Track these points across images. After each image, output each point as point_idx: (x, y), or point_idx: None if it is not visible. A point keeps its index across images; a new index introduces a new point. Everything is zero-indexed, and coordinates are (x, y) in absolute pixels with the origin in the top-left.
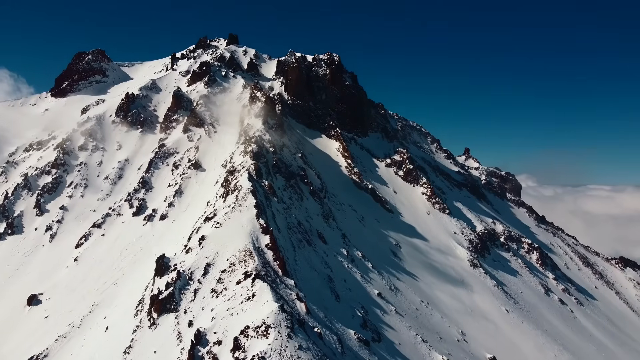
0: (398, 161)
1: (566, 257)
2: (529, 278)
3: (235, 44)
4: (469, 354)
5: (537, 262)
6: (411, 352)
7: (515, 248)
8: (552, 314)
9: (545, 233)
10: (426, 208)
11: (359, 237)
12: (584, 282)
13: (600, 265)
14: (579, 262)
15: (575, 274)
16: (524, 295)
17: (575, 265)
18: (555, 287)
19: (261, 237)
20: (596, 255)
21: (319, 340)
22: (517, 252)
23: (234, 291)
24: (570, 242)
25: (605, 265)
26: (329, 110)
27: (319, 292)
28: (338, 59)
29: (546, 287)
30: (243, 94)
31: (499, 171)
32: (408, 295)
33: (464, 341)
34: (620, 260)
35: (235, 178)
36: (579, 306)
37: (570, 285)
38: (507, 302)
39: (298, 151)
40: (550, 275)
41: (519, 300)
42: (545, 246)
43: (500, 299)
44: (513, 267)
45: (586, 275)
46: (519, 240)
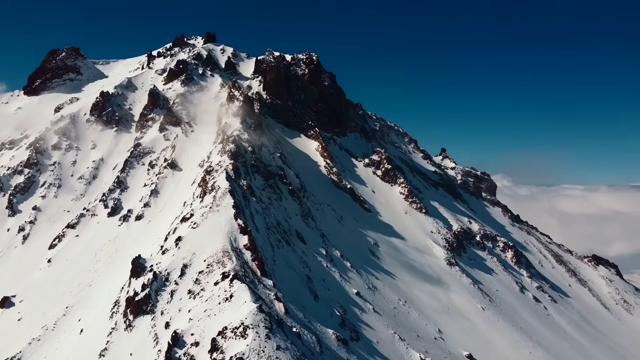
0: (376, 161)
1: (540, 256)
2: (504, 276)
3: (212, 42)
4: (445, 351)
5: (512, 261)
6: (389, 350)
7: (491, 247)
8: (527, 312)
9: (519, 232)
10: (404, 207)
11: (337, 237)
12: (558, 279)
13: (573, 263)
14: (552, 260)
15: (549, 271)
16: (499, 293)
17: (549, 263)
18: (530, 285)
19: (239, 237)
20: (569, 253)
21: (297, 340)
22: (493, 251)
23: (212, 292)
24: (544, 240)
25: (578, 263)
26: (307, 110)
27: (297, 292)
28: (317, 58)
29: (521, 285)
30: (221, 93)
31: (474, 171)
32: (386, 294)
33: (441, 339)
34: (593, 258)
35: (213, 178)
36: (553, 303)
37: (544, 283)
38: (483, 300)
39: (277, 151)
40: (525, 273)
41: (495, 298)
42: (520, 245)
43: (476, 297)
44: (488, 266)
45: (560, 273)
46: (494, 239)
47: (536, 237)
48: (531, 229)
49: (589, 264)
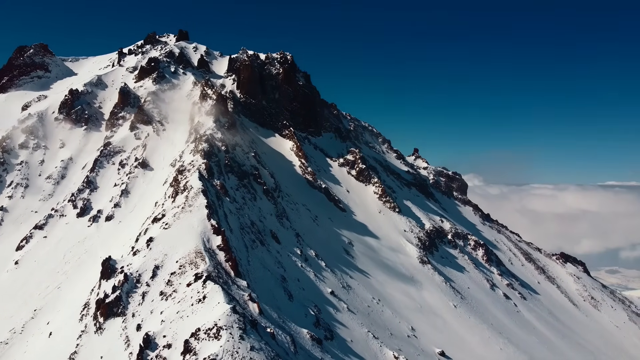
0: (351, 161)
1: (510, 254)
2: (475, 274)
3: (185, 40)
4: (418, 349)
5: (482, 259)
6: (363, 349)
7: (462, 245)
8: (497, 308)
9: (490, 230)
10: (378, 207)
11: (312, 236)
12: (527, 277)
13: (542, 261)
14: (522, 258)
15: (518, 269)
16: (470, 291)
17: (519, 261)
18: (500, 283)
19: (212, 238)
20: (538, 251)
21: (271, 341)
22: (464, 249)
23: (184, 293)
24: (514, 238)
25: (546, 261)
26: (282, 109)
27: (272, 292)
28: (291, 58)
29: (491, 283)
30: (193, 91)
31: (446, 171)
32: (360, 293)
33: (414, 336)
34: (561, 255)
35: (185, 177)
36: (523, 300)
37: (514, 281)
38: (455, 298)
39: (251, 150)
40: (495, 270)
41: (466, 296)
42: (490, 243)
43: (448, 294)
44: (460, 264)
45: (529, 271)
46: (465, 237)
47: (506, 235)
48: (501, 228)
49: (557, 261)
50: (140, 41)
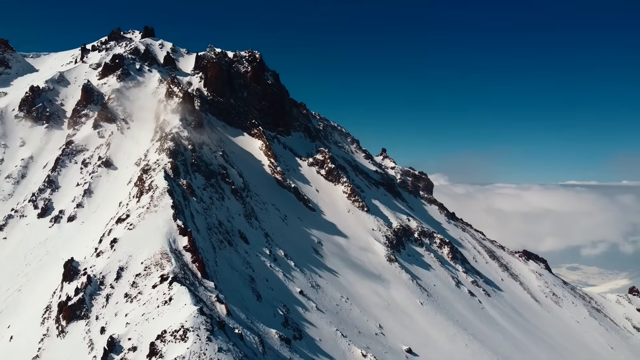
0: (320, 160)
1: (474, 251)
2: (441, 271)
3: (151, 36)
4: (386, 346)
5: (448, 256)
6: (331, 347)
7: (428, 243)
8: (463, 305)
9: (455, 228)
10: (346, 206)
11: (281, 236)
12: (491, 274)
13: (505, 259)
14: (486, 256)
15: (483, 266)
16: (436, 288)
17: (483, 259)
18: (465, 280)
19: (179, 238)
20: (501, 249)
21: (239, 342)
22: (430, 247)
23: (150, 295)
24: (478, 237)
25: (509, 258)
26: (251, 108)
27: (240, 293)
28: (259, 56)
29: (457, 280)
30: (159, 89)
31: (412, 170)
32: (329, 292)
33: (382, 334)
34: (524, 253)
35: (150, 177)
36: (487, 297)
37: (479, 278)
38: (421, 295)
39: (219, 149)
40: (461, 268)
41: (432, 293)
42: (456, 241)
43: (415, 292)
44: (426, 261)
45: (493, 268)
46: (431, 235)
47: (470, 233)
48: (466, 226)
49: (520, 259)
50: (104, 37)
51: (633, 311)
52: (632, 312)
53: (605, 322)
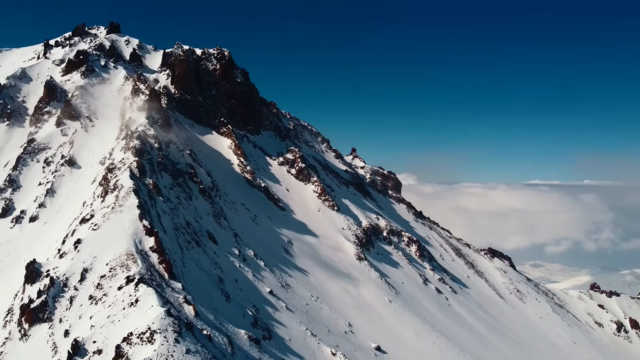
0: (290, 160)
1: (441, 249)
2: (408, 269)
3: (116, 32)
4: (355, 344)
5: (415, 254)
6: (301, 347)
7: (397, 241)
8: (430, 302)
9: (422, 227)
10: (317, 205)
11: (251, 236)
12: (457, 271)
13: (471, 256)
14: (452, 254)
15: (449, 264)
16: (404, 286)
17: (450, 256)
18: (432, 277)
19: (145, 239)
20: (467, 246)
21: (208, 343)
22: (398, 245)
23: (115, 297)
24: (445, 235)
25: (475, 256)
26: (219, 106)
27: (208, 294)
28: (228, 54)
29: (424, 277)
30: (125, 86)
31: (381, 170)
32: (299, 291)
33: (351, 332)
34: (489, 251)
35: (116, 176)
36: (453, 294)
37: (446, 275)
38: (390, 293)
39: (186, 148)
40: (428, 266)
41: (400, 291)
42: (423, 239)
43: (383, 290)
44: (395, 260)
45: (459, 266)
46: (399, 234)
47: (437, 231)
48: (433, 224)
49: (485, 256)
50: (68, 33)
51: (594, 307)
52: (594, 308)
53: (567, 317)
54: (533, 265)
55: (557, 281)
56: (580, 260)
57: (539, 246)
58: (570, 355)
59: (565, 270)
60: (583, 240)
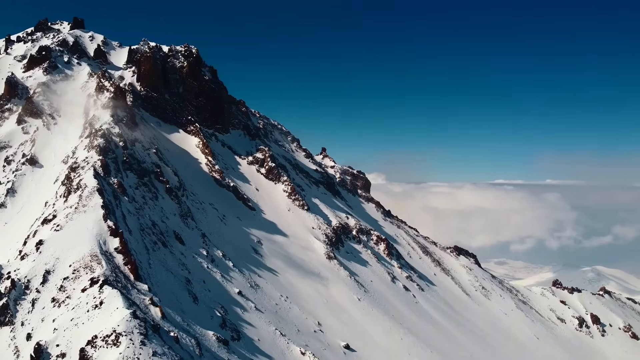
0: (260, 159)
1: (409, 247)
2: (377, 267)
3: (80, 28)
4: (325, 343)
5: (384, 253)
6: (270, 347)
7: (366, 240)
8: (398, 300)
9: (391, 226)
10: (287, 205)
11: (219, 237)
12: (424, 269)
13: (437, 254)
14: (419, 252)
15: (416, 262)
16: (373, 284)
17: (417, 254)
18: (400, 275)
19: (109, 240)
20: (434, 244)
21: (175, 345)
22: (367, 244)
23: (79, 299)
24: (412, 233)
25: (442, 254)
26: (187, 104)
27: (175, 295)
28: (196, 51)
29: (392, 275)
30: (89, 83)
31: (351, 169)
32: (268, 291)
33: (320, 331)
34: (455, 249)
35: (79, 175)
36: (421, 292)
37: (413, 273)
38: (359, 291)
39: (152, 146)
40: (396, 264)
41: (369, 289)
42: (391, 238)
43: (352, 288)
44: (364, 258)
45: (426, 263)
46: (368, 232)
47: (405, 230)
48: (401, 223)
49: (451, 254)
50: (30, 28)
51: (557, 303)
52: (556, 304)
53: (531, 313)
54: (497, 263)
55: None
56: (544, 257)
57: (504, 244)
58: (534, 351)
59: (528, 268)
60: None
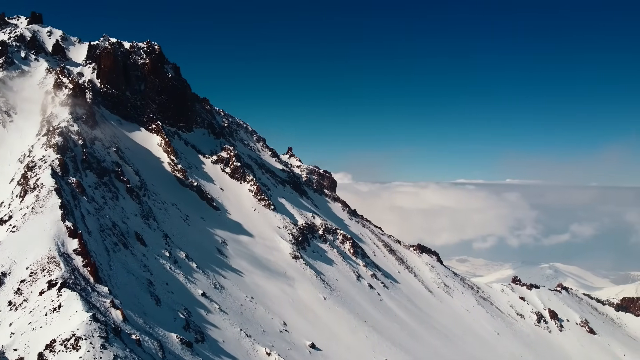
0: (225, 158)
1: (374, 246)
2: (343, 266)
3: (39, 23)
4: (290, 343)
5: (349, 251)
6: (235, 348)
7: (332, 239)
8: (363, 298)
9: (356, 225)
10: (252, 205)
11: (183, 237)
12: (389, 267)
13: (401, 252)
14: (384, 250)
15: (381, 260)
16: (339, 283)
17: (381, 253)
18: (365, 273)
19: (68, 241)
20: (398, 243)
21: (137, 348)
22: (333, 243)
23: (37, 303)
24: (377, 232)
25: (405, 252)
26: (149, 102)
27: (137, 298)
28: (159, 48)
29: (357, 274)
30: (47, 80)
31: (317, 169)
32: (233, 292)
33: (286, 331)
34: (418, 247)
35: (36, 174)
36: (385, 289)
37: (378, 271)
38: (325, 290)
39: (112, 145)
40: (361, 262)
41: (335, 288)
42: (357, 236)
43: (318, 287)
44: (329, 257)
45: (390, 262)
46: (334, 232)
47: (370, 229)
48: (366, 222)
49: (415, 252)
50: None
51: (516, 299)
52: (515, 300)
53: (491, 309)
54: (459, 260)
55: (481, 275)
56: (505, 255)
57: (467, 242)
58: (494, 346)
59: (489, 265)
60: (507, 237)
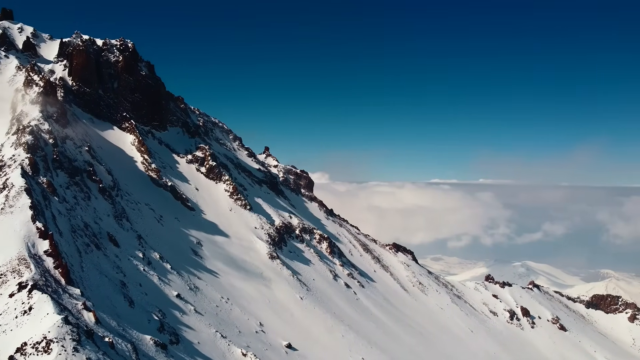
0: (200, 157)
1: (350, 245)
2: (319, 266)
3: (9, 19)
4: (266, 343)
5: (326, 251)
6: (211, 349)
7: (309, 239)
8: (339, 297)
9: (333, 224)
10: (228, 205)
11: (156, 238)
12: (365, 266)
13: (377, 251)
14: (360, 249)
15: (357, 259)
16: (315, 282)
17: (358, 252)
18: (342, 273)
19: (38, 242)
20: (374, 242)
21: (110, 350)
22: (310, 243)
23: (7, 305)
24: (353, 231)
25: (381, 251)
26: (122, 100)
27: (110, 300)
28: (132, 46)
29: (334, 273)
30: (17, 77)
31: (294, 169)
32: (208, 293)
33: (262, 332)
34: (393, 246)
35: (5, 174)
36: (361, 288)
37: (354, 270)
38: (301, 290)
39: (84, 144)
40: (338, 262)
41: (312, 287)
42: (333, 236)
43: (295, 287)
44: (306, 257)
45: (366, 261)
46: (311, 231)
47: (347, 228)
48: (343, 222)
49: (390, 251)
50: None
51: (489, 297)
52: (489, 298)
53: (465, 307)
54: (434, 259)
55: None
56: (479, 253)
57: (442, 241)
58: (468, 343)
59: (463, 263)
60: (481, 235)
